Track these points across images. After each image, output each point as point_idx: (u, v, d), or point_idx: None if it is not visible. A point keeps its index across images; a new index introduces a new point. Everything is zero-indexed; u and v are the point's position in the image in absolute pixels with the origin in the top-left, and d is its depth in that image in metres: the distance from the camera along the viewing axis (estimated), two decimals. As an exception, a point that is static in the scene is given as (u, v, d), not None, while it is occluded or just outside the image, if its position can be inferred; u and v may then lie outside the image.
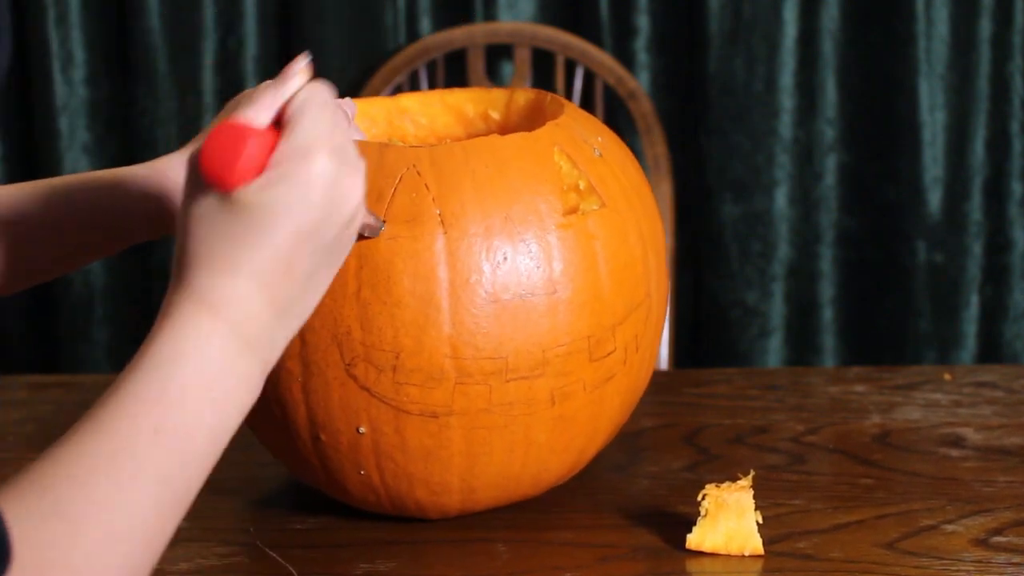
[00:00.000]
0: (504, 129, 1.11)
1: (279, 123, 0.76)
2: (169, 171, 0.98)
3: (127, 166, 0.99)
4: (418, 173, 0.94)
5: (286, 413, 0.96)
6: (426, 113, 1.12)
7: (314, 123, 0.74)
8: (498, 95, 1.11)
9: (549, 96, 1.08)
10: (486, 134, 1.11)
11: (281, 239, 0.73)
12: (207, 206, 0.73)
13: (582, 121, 1.03)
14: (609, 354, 0.98)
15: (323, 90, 0.77)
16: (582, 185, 0.98)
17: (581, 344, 0.96)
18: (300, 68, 0.78)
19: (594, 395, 0.99)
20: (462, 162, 0.95)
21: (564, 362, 0.96)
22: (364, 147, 0.95)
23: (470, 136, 1.12)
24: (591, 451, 1.04)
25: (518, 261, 0.94)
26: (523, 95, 1.10)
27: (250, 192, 0.73)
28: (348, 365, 0.93)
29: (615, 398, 1.01)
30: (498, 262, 0.93)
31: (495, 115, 1.11)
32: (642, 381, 1.05)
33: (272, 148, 0.74)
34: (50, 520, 0.66)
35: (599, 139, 1.02)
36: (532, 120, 1.08)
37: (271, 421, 0.98)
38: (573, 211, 0.96)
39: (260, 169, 0.74)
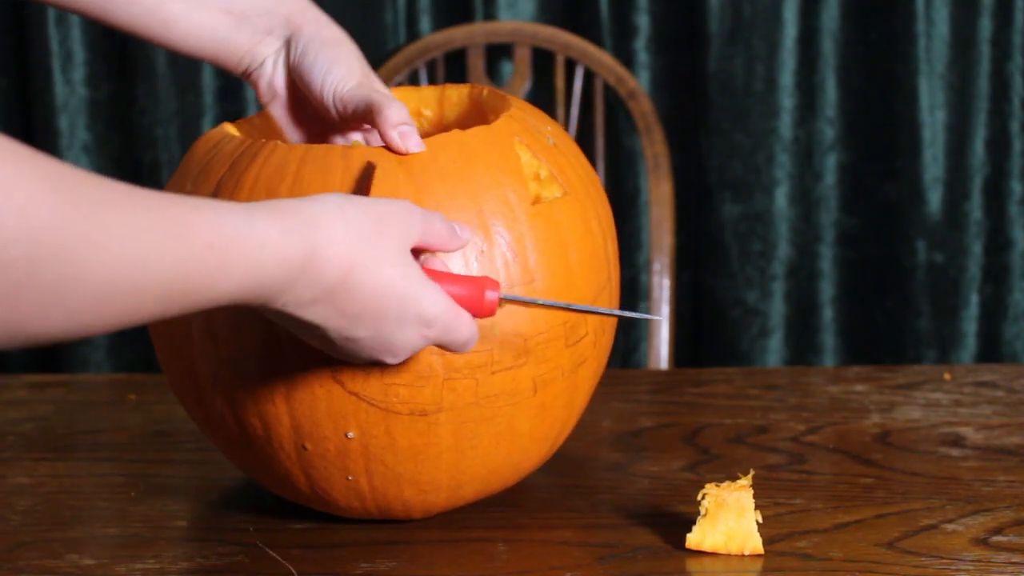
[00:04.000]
0: (439, 126, 1.11)
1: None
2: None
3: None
4: (388, 172, 0.93)
5: (268, 426, 0.95)
6: None
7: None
8: (429, 93, 1.11)
9: (486, 90, 1.08)
10: (420, 132, 1.11)
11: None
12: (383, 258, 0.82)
13: (531, 112, 1.04)
14: (582, 338, 0.99)
15: None
16: (542, 174, 0.98)
17: (558, 331, 0.96)
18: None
19: (570, 380, 0.99)
20: (430, 159, 0.94)
21: (544, 349, 0.96)
22: (328, 150, 0.95)
23: None
24: (563, 437, 1.05)
25: (495, 253, 0.94)
26: (455, 91, 1.11)
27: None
28: (334, 372, 0.93)
29: (587, 382, 1.02)
30: (477, 255, 0.93)
31: (428, 112, 1.12)
32: (603, 366, 1.05)
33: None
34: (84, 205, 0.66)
35: (549, 128, 1.03)
36: (471, 115, 1.09)
37: (248, 437, 0.97)
38: (536, 201, 0.97)
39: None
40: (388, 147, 0.95)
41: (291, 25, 1.01)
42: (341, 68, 0.99)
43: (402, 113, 0.95)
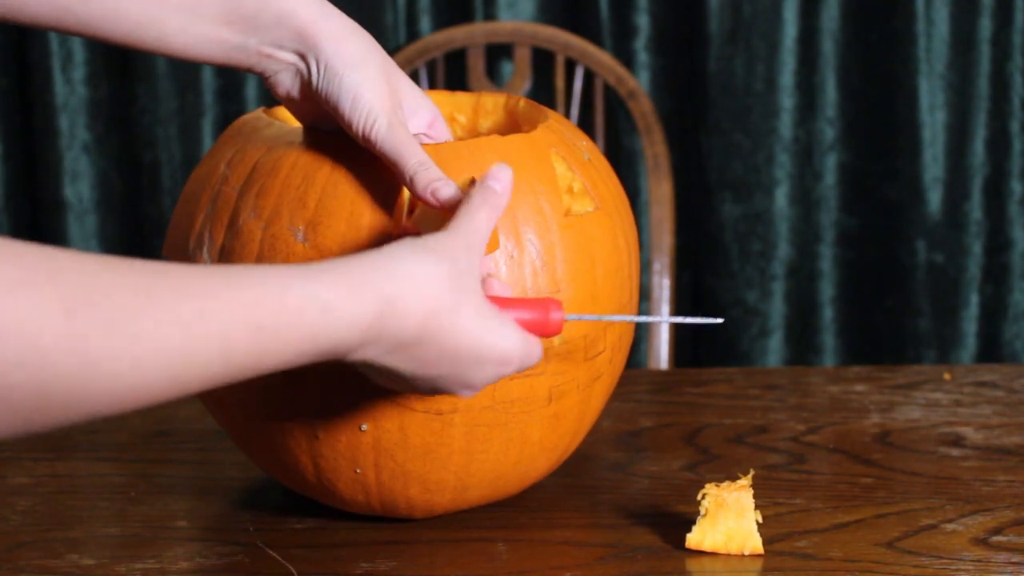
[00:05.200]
0: (472, 133, 1.11)
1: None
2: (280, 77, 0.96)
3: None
4: None
5: (282, 412, 0.96)
6: None
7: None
8: (464, 99, 1.12)
9: (522, 101, 1.08)
10: (452, 137, 1.11)
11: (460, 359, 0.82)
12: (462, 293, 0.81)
13: (568, 126, 1.04)
14: (600, 353, 0.99)
15: None
16: (576, 187, 0.99)
17: (578, 343, 0.97)
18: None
19: (584, 394, 0.99)
20: (468, 161, 0.95)
21: (563, 360, 0.96)
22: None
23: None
24: (571, 450, 1.05)
25: (524, 260, 0.94)
26: (491, 99, 1.11)
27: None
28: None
29: (600, 398, 1.03)
30: (506, 261, 0.93)
31: (462, 119, 1.12)
32: (615, 383, 1.06)
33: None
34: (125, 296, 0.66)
35: (584, 143, 1.03)
36: (506, 125, 1.09)
37: (259, 422, 0.97)
38: (568, 213, 0.97)
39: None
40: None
41: (304, 40, 0.94)
42: (368, 95, 0.93)
43: (429, 175, 0.91)
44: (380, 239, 0.92)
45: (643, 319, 0.93)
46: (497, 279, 0.89)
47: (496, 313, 0.83)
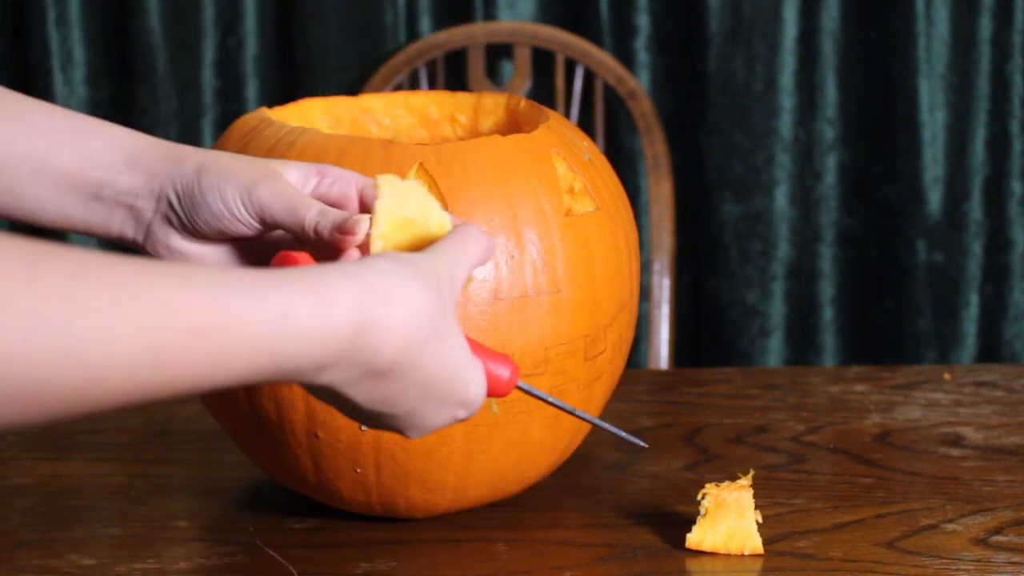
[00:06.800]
0: (472, 133, 1.11)
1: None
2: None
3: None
4: (426, 170, 0.94)
5: (282, 410, 0.96)
6: (389, 114, 1.12)
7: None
8: (464, 99, 1.12)
9: (523, 101, 1.08)
10: (453, 137, 1.12)
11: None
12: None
13: (569, 126, 1.04)
14: (600, 354, 0.99)
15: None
16: (576, 187, 0.99)
17: (579, 343, 0.97)
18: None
19: (585, 394, 1.00)
20: (469, 160, 0.95)
21: (563, 360, 0.96)
22: (368, 143, 0.95)
23: (435, 137, 1.13)
24: (571, 449, 1.05)
25: (525, 260, 0.94)
26: (492, 99, 1.11)
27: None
28: None
29: (600, 397, 1.03)
30: (507, 260, 0.94)
31: (462, 119, 1.12)
32: (615, 383, 1.06)
33: None
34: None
35: (585, 143, 1.03)
36: (506, 125, 1.09)
37: (259, 420, 0.97)
38: (568, 213, 0.97)
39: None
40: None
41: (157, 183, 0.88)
42: (232, 200, 0.83)
43: (332, 216, 0.81)
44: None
45: (585, 417, 0.86)
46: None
47: (471, 355, 0.75)
